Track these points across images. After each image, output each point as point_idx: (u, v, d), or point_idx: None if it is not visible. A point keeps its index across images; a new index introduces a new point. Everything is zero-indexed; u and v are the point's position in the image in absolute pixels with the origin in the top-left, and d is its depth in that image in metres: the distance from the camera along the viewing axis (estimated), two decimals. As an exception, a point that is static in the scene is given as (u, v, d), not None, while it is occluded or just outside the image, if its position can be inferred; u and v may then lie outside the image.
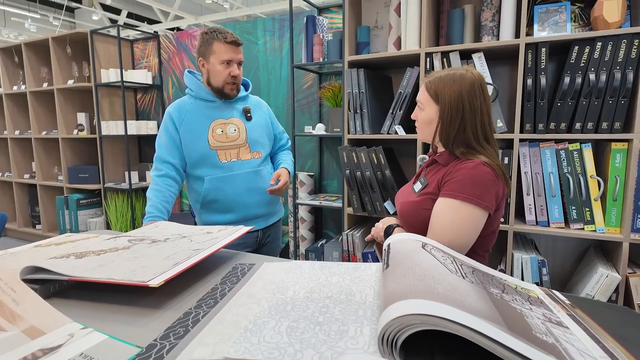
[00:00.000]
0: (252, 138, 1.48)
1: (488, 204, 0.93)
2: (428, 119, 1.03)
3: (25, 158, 3.97)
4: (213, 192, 1.42)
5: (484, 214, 0.94)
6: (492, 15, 1.82)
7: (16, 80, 3.86)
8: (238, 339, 0.49)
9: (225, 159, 1.43)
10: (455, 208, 0.93)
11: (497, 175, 0.95)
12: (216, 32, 1.38)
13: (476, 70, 1.02)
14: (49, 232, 3.77)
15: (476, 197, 0.92)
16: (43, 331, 0.50)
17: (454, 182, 0.94)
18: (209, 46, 1.38)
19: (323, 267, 0.74)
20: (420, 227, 1.00)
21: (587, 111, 1.59)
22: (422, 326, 0.40)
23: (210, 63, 1.40)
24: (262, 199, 1.50)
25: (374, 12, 2.26)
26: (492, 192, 0.94)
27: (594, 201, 1.62)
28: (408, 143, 2.22)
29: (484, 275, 0.64)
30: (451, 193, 0.94)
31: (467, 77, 0.97)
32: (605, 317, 0.59)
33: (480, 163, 0.94)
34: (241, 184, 1.44)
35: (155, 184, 1.39)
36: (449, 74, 1.00)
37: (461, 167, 0.95)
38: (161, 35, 3.36)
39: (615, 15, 1.54)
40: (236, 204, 1.45)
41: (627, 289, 1.57)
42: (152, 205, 1.34)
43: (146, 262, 0.69)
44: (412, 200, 1.05)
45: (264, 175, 1.50)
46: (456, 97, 0.96)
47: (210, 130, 1.42)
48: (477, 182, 0.93)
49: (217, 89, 1.43)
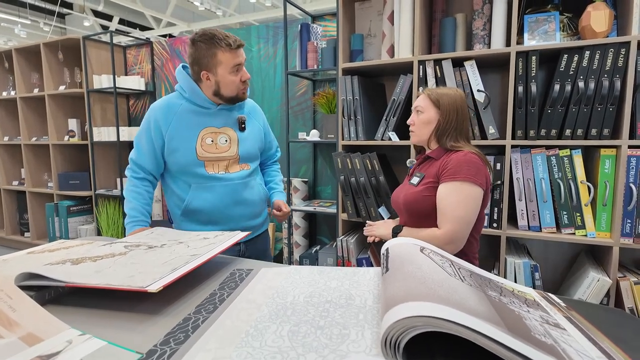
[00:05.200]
0: (243, 150, 1.37)
1: (481, 182, 1.13)
2: (428, 120, 1.24)
3: (14, 164, 3.91)
4: (197, 201, 1.31)
5: (480, 190, 1.13)
6: (484, 24, 1.86)
7: (6, 85, 3.82)
8: (240, 343, 0.48)
9: (212, 170, 1.31)
10: (457, 188, 1.12)
11: (483, 161, 1.17)
12: (215, 38, 1.22)
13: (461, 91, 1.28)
14: (37, 239, 3.71)
15: (471, 175, 1.12)
16: (41, 338, 0.49)
17: (451, 168, 1.14)
18: (212, 57, 1.24)
19: (322, 272, 0.74)
20: (425, 212, 1.19)
21: (577, 118, 1.62)
22: (424, 328, 0.41)
23: (218, 75, 1.26)
24: (248, 211, 1.39)
25: (368, 20, 2.29)
26: (482, 174, 1.14)
27: (584, 206, 1.65)
28: (401, 149, 2.24)
29: (482, 278, 0.64)
30: (450, 177, 1.13)
31: (458, 92, 1.25)
32: (600, 319, 0.60)
33: (469, 152, 1.16)
34: (228, 195, 1.33)
35: (134, 185, 1.32)
36: (444, 90, 1.25)
37: (454, 157, 1.16)
38: (154, 42, 3.36)
39: (602, 25, 1.58)
40: (220, 216, 1.34)
41: (618, 292, 1.59)
42: (135, 208, 1.29)
43: (143, 268, 0.69)
44: (414, 190, 1.22)
45: (252, 186, 1.40)
46: (453, 103, 1.21)
47: (200, 139, 1.29)
48: (469, 164, 1.13)
49: (230, 98, 1.31)
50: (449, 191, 1.13)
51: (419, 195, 1.19)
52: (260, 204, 1.44)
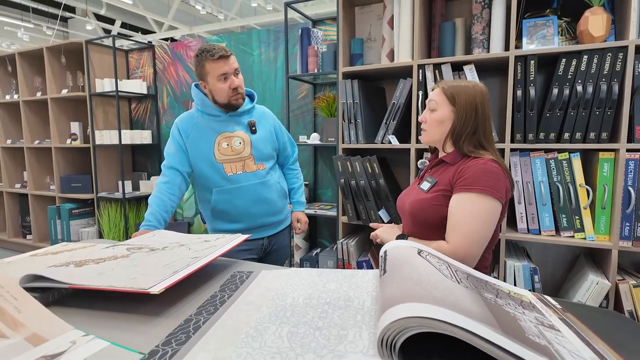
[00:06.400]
0: (257, 150, 1.50)
1: (500, 195, 0.99)
2: (441, 118, 1.08)
3: (16, 167, 3.93)
4: (221, 204, 1.46)
5: (499, 204, 1.00)
6: (482, 28, 1.87)
7: (9, 89, 3.85)
8: (240, 344, 0.49)
9: (231, 171, 1.46)
10: (473, 200, 0.98)
11: (504, 171, 1.02)
12: (204, 52, 1.39)
13: (483, 84, 1.11)
14: (39, 242, 3.72)
15: (490, 187, 0.98)
16: (45, 338, 0.50)
17: (467, 177, 1.00)
18: (202, 68, 1.41)
19: (321, 274, 0.75)
20: (432, 223, 1.05)
21: (575, 122, 1.63)
22: (420, 329, 0.42)
23: (209, 83, 1.42)
24: (269, 208, 1.54)
25: (368, 24, 2.31)
26: (502, 185, 1.00)
27: (583, 209, 1.66)
28: (401, 152, 2.25)
29: (478, 280, 0.65)
30: (467, 187, 0.99)
31: (478, 87, 1.08)
32: (595, 321, 0.61)
33: (489, 160, 1.01)
34: (248, 195, 1.48)
35: (159, 191, 1.42)
36: (462, 83, 1.09)
37: (472, 164, 1.01)
38: (156, 46, 3.39)
39: (600, 29, 1.59)
40: (244, 215, 1.49)
41: (617, 295, 1.60)
42: (151, 213, 1.37)
43: (145, 270, 0.70)
44: (423, 197, 1.08)
45: (271, 185, 1.53)
46: (471, 100, 1.05)
47: (216, 144, 1.45)
48: (489, 175, 0.99)
49: (224, 104, 1.45)
50: (463, 203, 0.99)
51: (428, 204, 1.06)
52: (279, 201, 1.58)
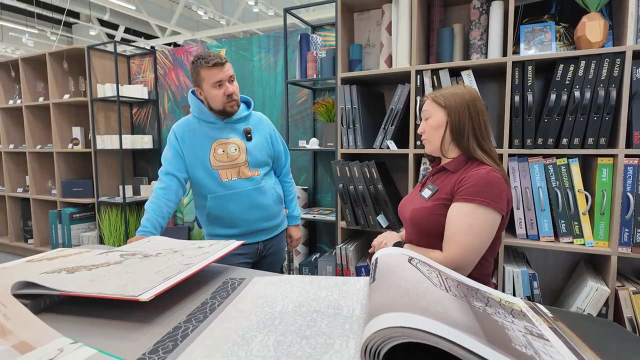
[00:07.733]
0: (252, 157, 1.51)
1: (502, 206, 0.99)
2: (437, 123, 1.10)
3: (18, 172, 3.96)
4: (216, 209, 1.47)
5: (498, 216, 1.00)
6: (480, 34, 1.87)
7: (12, 94, 3.88)
8: (226, 352, 0.49)
9: (226, 177, 1.47)
10: (472, 211, 0.98)
11: (506, 182, 1.02)
12: (200, 59, 1.40)
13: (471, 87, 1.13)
14: (41, 246, 3.74)
15: (492, 199, 0.97)
16: (33, 346, 0.51)
17: (468, 187, 0.99)
18: (197, 75, 1.42)
19: (312, 281, 0.75)
20: (433, 232, 1.05)
21: (573, 127, 1.63)
22: (403, 338, 0.42)
23: (204, 90, 1.44)
24: (264, 214, 1.54)
25: (366, 30, 2.32)
26: (504, 196, 1.01)
27: (582, 215, 1.65)
28: (400, 158, 2.25)
29: (469, 288, 0.65)
30: (467, 197, 0.99)
31: (466, 88, 1.11)
32: (587, 330, 0.61)
33: (492, 170, 1.01)
34: (243, 201, 1.48)
35: (155, 197, 1.43)
36: (449, 88, 1.12)
37: (474, 174, 1.01)
38: (158, 51, 3.41)
39: (597, 35, 1.59)
40: (239, 220, 1.50)
41: (617, 302, 1.58)
42: (148, 219, 1.38)
43: (137, 277, 0.70)
44: (424, 206, 1.09)
45: (266, 190, 1.54)
46: (460, 99, 1.07)
47: (212, 151, 1.46)
48: (491, 186, 0.98)
49: (219, 110, 1.46)
50: (462, 213, 0.99)
51: (429, 213, 1.06)
52: (275, 206, 1.59)
